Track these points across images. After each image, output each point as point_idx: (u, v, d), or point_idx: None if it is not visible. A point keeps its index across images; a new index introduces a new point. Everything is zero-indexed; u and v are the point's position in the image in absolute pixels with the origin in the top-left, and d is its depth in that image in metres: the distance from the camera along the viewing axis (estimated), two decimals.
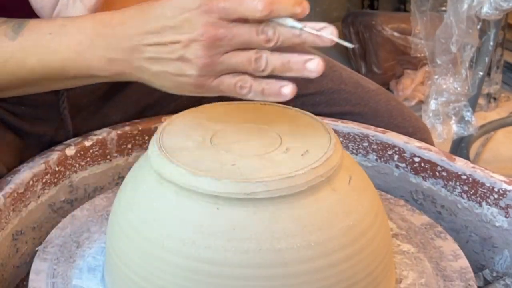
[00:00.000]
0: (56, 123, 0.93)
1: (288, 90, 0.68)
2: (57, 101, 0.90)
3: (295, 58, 0.67)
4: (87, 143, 0.87)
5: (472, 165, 0.84)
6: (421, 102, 2.25)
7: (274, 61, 0.67)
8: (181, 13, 0.67)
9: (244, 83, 0.68)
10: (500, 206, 0.80)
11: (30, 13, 0.77)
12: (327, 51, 1.14)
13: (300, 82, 1.03)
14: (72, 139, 0.87)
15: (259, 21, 0.67)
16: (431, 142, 1.01)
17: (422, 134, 1.02)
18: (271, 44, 0.67)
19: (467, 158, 1.93)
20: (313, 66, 0.67)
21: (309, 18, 0.67)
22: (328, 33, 0.67)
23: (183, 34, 0.67)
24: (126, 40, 0.70)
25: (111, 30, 0.71)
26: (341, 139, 0.92)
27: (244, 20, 0.67)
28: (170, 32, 0.68)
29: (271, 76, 0.69)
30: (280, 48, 0.68)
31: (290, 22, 0.67)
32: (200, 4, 0.67)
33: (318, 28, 0.67)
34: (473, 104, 1.80)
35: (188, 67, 0.68)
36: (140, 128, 0.91)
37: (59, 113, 0.91)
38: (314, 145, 0.69)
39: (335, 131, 0.90)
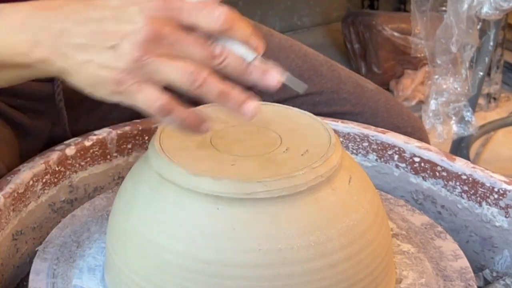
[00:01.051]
0: (53, 117, 0.93)
1: (207, 127, 0.63)
2: (53, 93, 0.90)
3: (235, 93, 0.61)
4: (87, 143, 0.87)
5: (472, 165, 0.84)
6: (421, 102, 2.25)
7: (213, 85, 0.61)
8: (129, 5, 0.62)
9: (167, 104, 0.61)
10: (500, 206, 0.80)
11: None
12: (327, 50, 1.14)
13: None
14: (72, 139, 0.87)
15: (209, 36, 0.61)
16: (428, 143, 1.02)
17: (421, 134, 1.03)
18: (215, 62, 0.61)
19: (467, 158, 1.93)
20: (250, 109, 0.61)
21: (309, 18, 0.66)
22: (277, 73, 0.62)
23: (125, 24, 0.61)
24: (58, 22, 0.64)
25: (47, 12, 0.66)
26: (341, 139, 0.92)
27: (193, 30, 0.61)
28: (111, 22, 0.62)
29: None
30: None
31: (243, 48, 0.61)
32: None
33: (267, 68, 0.62)
34: (473, 104, 1.80)
35: (117, 58, 0.61)
36: (140, 128, 0.91)
37: (55, 106, 0.90)
38: (314, 145, 0.69)
39: (335, 131, 0.90)
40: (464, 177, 0.83)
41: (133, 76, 0.61)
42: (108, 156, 0.89)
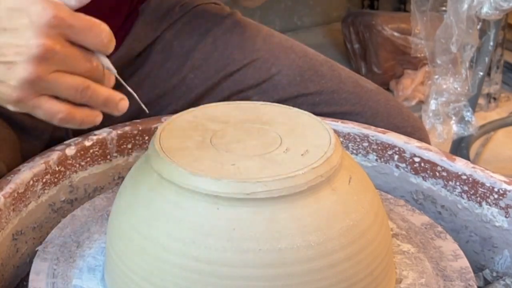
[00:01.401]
0: None
1: (99, 119, 0.68)
2: None
3: (113, 96, 0.67)
4: (87, 143, 0.87)
5: (472, 165, 0.84)
6: (421, 102, 2.25)
7: (98, 95, 0.66)
8: (21, 17, 0.62)
9: (67, 114, 0.66)
10: (500, 206, 0.80)
11: None
12: (327, 50, 1.14)
13: (299, 81, 1.04)
14: (72, 139, 0.88)
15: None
16: (428, 143, 1.02)
17: (421, 134, 1.03)
18: (94, 76, 0.66)
19: (467, 158, 1.93)
20: (124, 107, 0.68)
21: (309, 18, 0.67)
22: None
23: (18, 39, 0.62)
24: None
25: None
26: (341, 139, 0.92)
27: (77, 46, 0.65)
28: (6, 35, 0.63)
29: None
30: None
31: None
32: (51, 15, 0.62)
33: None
34: (473, 104, 1.80)
35: (12, 75, 0.63)
36: (140, 128, 0.91)
37: None
38: (314, 145, 0.69)
39: (335, 131, 0.90)
40: (464, 177, 0.83)
41: (29, 92, 0.64)
42: (108, 156, 0.89)
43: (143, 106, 0.71)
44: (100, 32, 0.64)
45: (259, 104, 0.77)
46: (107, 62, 0.67)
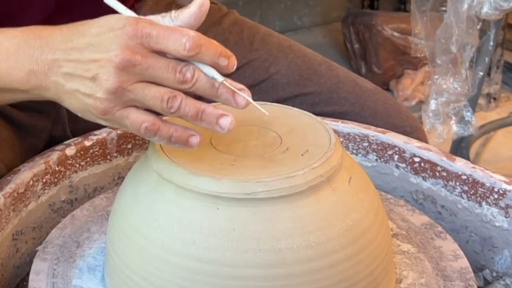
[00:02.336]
0: (52, 115, 0.93)
1: (195, 140, 0.66)
2: None
3: (209, 110, 0.65)
4: (87, 143, 0.87)
5: (472, 165, 0.84)
6: (421, 102, 2.25)
7: (189, 106, 0.64)
8: (105, 32, 0.65)
9: (152, 125, 0.65)
10: (500, 206, 0.80)
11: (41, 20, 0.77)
12: (326, 50, 1.14)
13: (298, 81, 1.04)
14: (72, 139, 0.88)
15: (179, 59, 0.64)
16: (426, 142, 1.02)
17: (419, 134, 1.03)
18: (186, 87, 0.64)
19: (467, 158, 1.93)
20: (226, 123, 0.65)
21: (309, 18, 0.67)
22: (245, 95, 0.65)
23: (101, 53, 0.64)
24: (49, 52, 0.68)
25: (38, 41, 0.69)
26: (341, 139, 0.92)
27: (163, 54, 0.64)
28: (90, 50, 0.65)
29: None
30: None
31: (212, 71, 0.64)
32: (125, 24, 0.64)
33: (237, 87, 0.65)
34: (473, 104, 1.80)
35: (97, 89, 0.65)
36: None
37: (55, 104, 0.91)
38: (314, 145, 0.69)
39: (335, 131, 0.90)
40: (464, 177, 0.83)
41: (115, 104, 0.65)
42: (108, 156, 0.89)
43: (263, 110, 0.67)
44: (180, 37, 0.63)
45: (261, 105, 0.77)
46: (209, 70, 0.64)
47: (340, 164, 0.67)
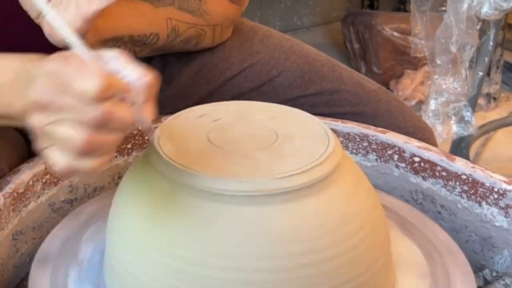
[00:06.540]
0: None
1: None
2: None
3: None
4: None
5: (472, 165, 0.84)
6: (421, 102, 2.25)
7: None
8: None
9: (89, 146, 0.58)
10: (500, 206, 0.80)
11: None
12: (327, 50, 1.14)
13: (300, 83, 1.04)
14: None
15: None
16: (433, 142, 1.01)
17: (423, 134, 1.02)
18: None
19: (467, 158, 1.93)
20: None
21: (309, 18, 0.67)
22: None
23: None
24: None
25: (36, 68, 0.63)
26: (341, 139, 0.92)
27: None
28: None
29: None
30: None
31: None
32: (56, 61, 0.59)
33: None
34: (473, 104, 1.80)
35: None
36: (140, 128, 0.91)
37: None
38: (313, 145, 0.69)
39: (335, 131, 0.91)
40: (464, 177, 0.83)
41: (44, 140, 0.60)
42: None
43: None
44: (86, 78, 0.57)
45: (259, 105, 0.77)
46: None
47: (339, 164, 0.67)
